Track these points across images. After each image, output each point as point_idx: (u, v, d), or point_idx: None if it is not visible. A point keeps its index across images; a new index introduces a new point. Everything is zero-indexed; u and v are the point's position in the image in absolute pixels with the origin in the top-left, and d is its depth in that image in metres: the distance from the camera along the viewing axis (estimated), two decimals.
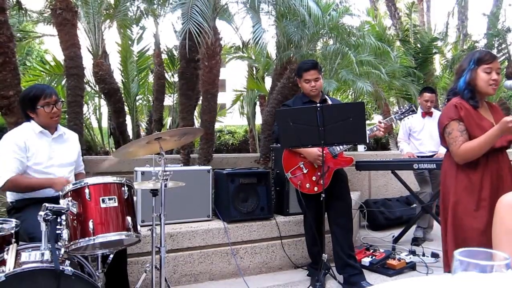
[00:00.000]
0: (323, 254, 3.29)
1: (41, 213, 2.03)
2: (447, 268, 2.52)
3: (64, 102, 5.17)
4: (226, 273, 3.78)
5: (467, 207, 2.42)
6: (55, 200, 2.43)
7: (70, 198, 2.24)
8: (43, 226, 2.04)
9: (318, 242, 3.52)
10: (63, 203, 2.22)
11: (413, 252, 4.19)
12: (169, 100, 7.90)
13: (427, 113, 5.00)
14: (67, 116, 4.77)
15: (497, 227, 1.37)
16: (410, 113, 3.68)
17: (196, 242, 3.68)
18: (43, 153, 2.81)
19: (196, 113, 6.54)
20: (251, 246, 3.91)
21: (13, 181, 2.69)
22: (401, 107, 3.84)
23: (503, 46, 9.56)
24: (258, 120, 8.51)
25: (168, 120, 8.62)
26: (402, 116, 3.69)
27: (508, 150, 2.56)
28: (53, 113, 2.84)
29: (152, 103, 7.36)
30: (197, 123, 6.74)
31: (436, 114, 4.86)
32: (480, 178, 2.42)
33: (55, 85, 6.87)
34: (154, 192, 2.69)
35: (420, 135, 5.02)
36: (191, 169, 4.09)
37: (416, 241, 4.78)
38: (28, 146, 2.75)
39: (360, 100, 8.10)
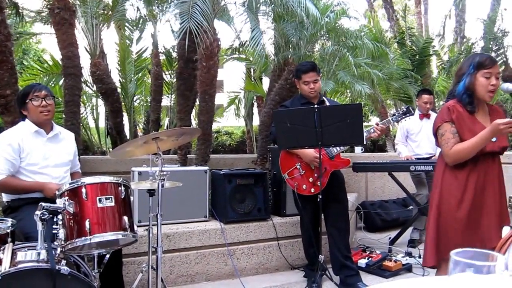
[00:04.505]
0: (320, 255, 3.30)
1: (38, 212, 2.03)
2: (424, 263, 2.55)
3: (61, 101, 5.17)
4: (223, 274, 3.78)
5: (450, 206, 2.46)
6: (51, 199, 2.42)
7: (66, 198, 2.24)
8: (39, 226, 2.04)
9: (314, 243, 3.53)
10: (59, 202, 2.21)
11: (409, 254, 4.20)
12: (167, 100, 7.90)
13: (424, 115, 5.01)
14: (64, 116, 4.75)
15: None
16: (407, 115, 3.69)
17: (192, 243, 3.68)
18: (38, 153, 2.80)
19: (193, 114, 6.53)
20: (247, 247, 3.91)
21: (3, 183, 2.68)
22: (398, 109, 3.84)
23: (500, 49, 9.60)
24: (256, 121, 8.51)
25: (165, 121, 8.62)
26: (399, 118, 3.69)
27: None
28: (42, 107, 2.81)
29: (149, 103, 7.35)
30: (194, 123, 6.74)
31: (434, 116, 4.86)
32: (465, 179, 2.44)
33: (53, 84, 6.86)
34: (151, 192, 2.69)
35: (417, 137, 5.03)
36: (188, 169, 4.08)
37: (412, 243, 4.79)
38: (22, 147, 2.74)
39: (357, 102, 8.11)
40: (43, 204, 2.06)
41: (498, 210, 2.45)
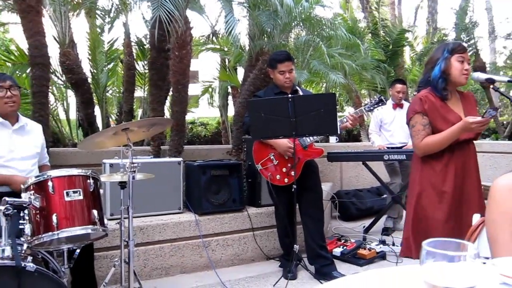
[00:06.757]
0: (295, 245, 3.30)
1: (1, 207, 1.96)
2: (403, 253, 2.56)
3: (28, 92, 5.00)
4: (198, 266, 3.75)
5: (430, 198, 2.46)
6: (17, 194, 2.34)
7: (32, 192, 2.16)
8: (3, 221, 1.96)
9: (289, 233, 3.53)
10: (25, 196, 2.15)
11: (383, 242, 4.26)
12: (140, 91, 7.76)
13: (398, 105, 5.07)
14: (32, 107, 4.60)
15: (493, 213, 1.33)
16: (380, 104, 3.70)
17: (167, 235, 3.63)
18: (2, 145, 2.71)
19: (168, 105, 6.43)
20: (223, 238, 3.88)
21: None
22: (371, 99, 3.86)
23: (471, 40, 9.79)
24: (231, 111, 8.45)
25: (139, 112, 8.46)
26: (371, 108, 3.70)
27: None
28: (7, 98, 2.73)
29: (122, 94, 7.20)
30: (168, 114, 6.63)
31: (407, 106, 4.92)
32: (444, 170, 2.44)
33: (19, 74, 6.62)
34: (122, 185, 2.63)
35: (391, 126, 5.09)
36: (161, 161, 4.02)
37: (386, 231, 4.86)
38: None
39: (332, 92, 8.15)
40: (7, 198, 1.99)
41: (478, 199, 2.46)
